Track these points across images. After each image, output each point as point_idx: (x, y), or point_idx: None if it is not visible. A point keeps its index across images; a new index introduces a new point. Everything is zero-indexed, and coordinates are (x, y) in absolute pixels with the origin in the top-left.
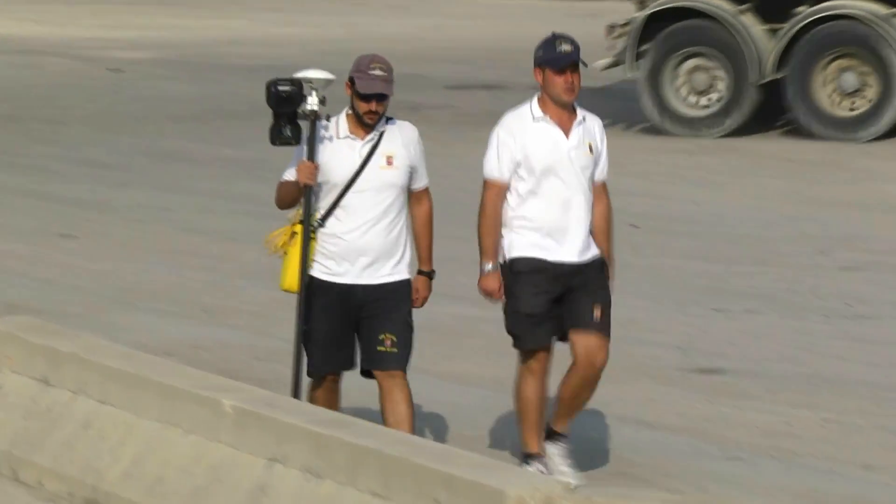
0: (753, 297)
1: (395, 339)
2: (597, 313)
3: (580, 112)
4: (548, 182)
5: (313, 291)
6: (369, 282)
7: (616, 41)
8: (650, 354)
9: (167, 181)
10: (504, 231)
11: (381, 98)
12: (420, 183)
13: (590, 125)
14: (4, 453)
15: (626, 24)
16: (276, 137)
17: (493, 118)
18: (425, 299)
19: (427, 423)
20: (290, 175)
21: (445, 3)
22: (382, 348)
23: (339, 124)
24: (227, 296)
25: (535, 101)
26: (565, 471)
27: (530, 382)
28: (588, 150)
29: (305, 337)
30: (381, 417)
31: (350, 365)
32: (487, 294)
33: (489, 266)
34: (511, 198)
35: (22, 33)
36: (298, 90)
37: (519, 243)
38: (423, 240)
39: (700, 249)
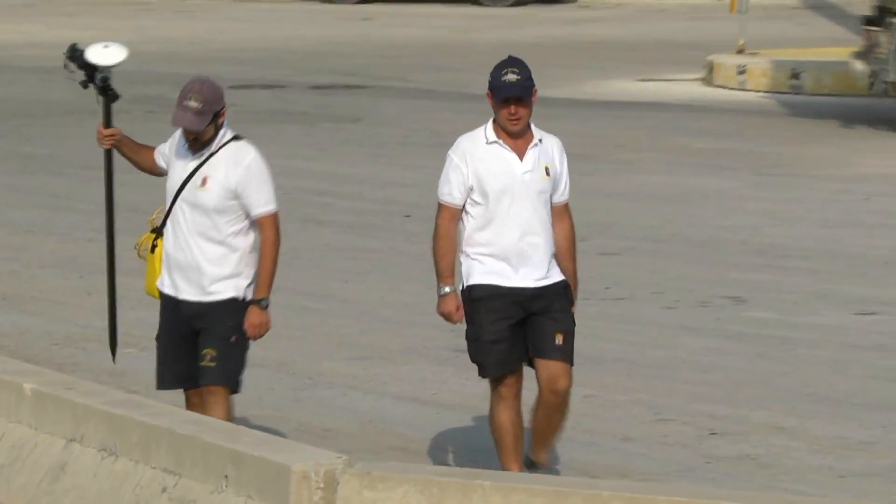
0: None
1: (214, 353)
2: (559, 340)
3: (536, 133)
4: (502, 207)
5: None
6: (194, 298)
7: (874, 40)
8: (424, 336)
9: None
10: (462, 257)
11: (191, 130)
12: (256, 210)
13: (547, 146)
14: None
15: (887, 24)
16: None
17: (272, 116)
18: (256, 328)
19: None
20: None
21: (228, 7)
22: (203, 363)
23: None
24: (26, 284)
25: (490, 123)
26: None
27: (503, 409)
28: (545, 172)
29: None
30: None
31: (192, 381)
32: (446, 316)
33: (446, 289)
34: (467, 222)
35: None
36: (81, 64)
37: (476, 270)
38: (259, 267)
39: None
